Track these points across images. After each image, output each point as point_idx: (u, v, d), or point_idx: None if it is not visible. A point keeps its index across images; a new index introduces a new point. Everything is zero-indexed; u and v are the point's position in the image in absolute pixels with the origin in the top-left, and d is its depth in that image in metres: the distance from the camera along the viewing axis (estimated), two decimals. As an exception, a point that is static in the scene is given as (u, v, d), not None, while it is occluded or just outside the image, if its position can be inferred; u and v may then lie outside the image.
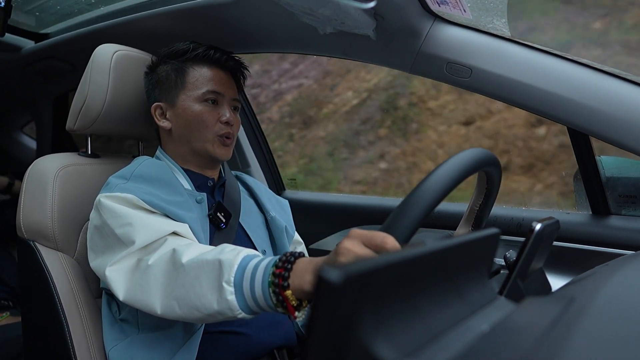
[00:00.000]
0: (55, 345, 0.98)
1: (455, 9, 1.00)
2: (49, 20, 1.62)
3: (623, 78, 0.95)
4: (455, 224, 0.97)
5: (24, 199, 1.03)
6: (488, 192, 0.84)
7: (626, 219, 1.10)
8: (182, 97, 1.03)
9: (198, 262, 0.75)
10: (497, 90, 1.02)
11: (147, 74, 1.10)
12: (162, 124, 1.06)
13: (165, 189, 0.95)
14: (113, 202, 0.89)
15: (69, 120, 1.11)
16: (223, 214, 1.02)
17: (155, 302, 0.78)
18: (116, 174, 0.98)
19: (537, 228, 0.64)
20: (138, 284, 0.81)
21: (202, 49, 1.05)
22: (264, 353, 0.97)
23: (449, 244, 0.42)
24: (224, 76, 1.07)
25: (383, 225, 0.63)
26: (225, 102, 1.05)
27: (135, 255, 0.84)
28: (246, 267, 0.71)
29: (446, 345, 0.38)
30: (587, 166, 1.11)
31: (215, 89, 1.03)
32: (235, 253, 0.74)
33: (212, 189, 1.07)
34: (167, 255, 0.79)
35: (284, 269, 0.68)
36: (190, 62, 1.05)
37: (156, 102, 1.06)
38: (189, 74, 1.04)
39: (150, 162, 1.02)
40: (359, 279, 0.31)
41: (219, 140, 1.03)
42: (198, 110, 1.02)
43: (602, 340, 0.36)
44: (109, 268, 0.85)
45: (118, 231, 0.86)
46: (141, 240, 0.83)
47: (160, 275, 0.79)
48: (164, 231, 0.85)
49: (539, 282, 0.76)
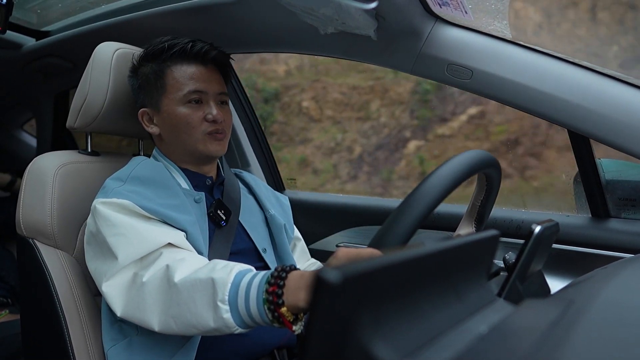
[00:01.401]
0: (53, 342, 0.98)
1: (457, 11, 1.00)
2: (50, 17, 1.62)
3: (624, 81, 0.95)
4: (455, 225, 0.97)
5: (24, 197, 1.03)
6: (488, 190, 0.84)
7: (626, 222, 1.10)
8: (165, 101, 1.00)
9: (191, 280, 0.75)
10: (498, 92, 1.02)
11: (130, 77, 1.07)
12: (150, 130, 1.04)
13: (162, 191, 0.94)
14: (108, 209, 0.88)
15: (69, 118, 1.11)
16: (223, 212, 1.02)
17: (152, 320, 0.79)
18: (113, 176, 0.97)
19: (537, 230, 0.64)
20: (134, 301, 0.81)
21: (177, 48, 0.99)
22: (264, 353, 0.96)
23: (448, 245, 0.42)
24: (206, 72, 1.02)
25: (382, 227, 0.63)
26: (210, 99, 1.01)
27: (131, 269, 0.83)
28: (239, 284, 0.72)
29: (444, 347, 0.38)
30: (587, 169, 1.11)
31: (197, 88, 0.99)
32: (228, 270, 0.74)
33: (211, 187, 1.06)
34: (161, 272, 0.79)
35: (277, 286, 0.68)
36: (168, 62, 1.00)
37: (142, 108, 1.04)
38: (167, 75, 1.00)
39: (146, 164, 1.01)
40: (357, 280, 0.31)
41: (209, 138, 1.00)
42: (182, 114, 0.99)
43: (600, 343, 0.36)
44: (106, 283, 0.85)
45: (110, 240, 0.85)
46: (135, 252, 0.83)
47: (155, 293, 0.79)
48: (159, 243, 0.84)
49: (538, 284, 0.76)
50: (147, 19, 1.29)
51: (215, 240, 0.99)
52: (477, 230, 0.90)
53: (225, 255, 0.98)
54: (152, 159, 1.06)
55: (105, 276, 0.85)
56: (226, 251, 0.99)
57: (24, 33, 1.62)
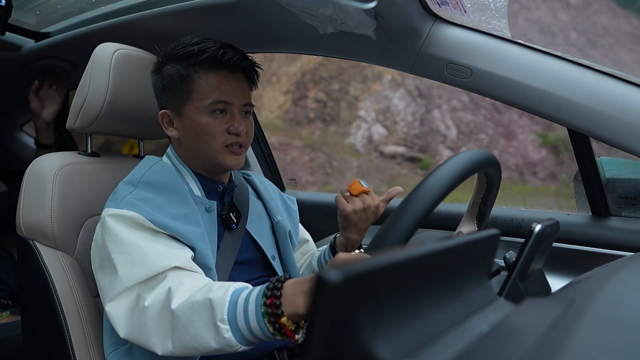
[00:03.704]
0: (54, 343, 0.98)
1: (456, 10, 1.00)
2: (49, 19, 1.62)
3: (623, 79, 0.95)
4: (455, 225, 0.97)
5: (24, 198, 1.03)
6: (488, 188, 0.84)
7: (626, 220, 1.10)
8: (189, 107, 0.97)
9: (189, 304, 0.75)
10: (498, 91, 1.02)
11: (153, 75, 1.03)
12: (170, 133, 1.01)
13: (173, 198, 0.92)
14: (117, 224, 0.86)
15: (69, 119, 1.11)
16: (234, 214, 1.01)
17: (155, 344, 0.78)
18: (125, 179, 0.96)
19: (537, 229, 0.64)
20: (137, 324, 0.81)
21: (207, 54, 0.96)
22: (264, 354, 0.96)
23: (448, 244, 0.42)
24: (234, 82, 0.98)
25: (382, 226, 0.62)
26: (235, 110, 0.98)
27: (135, 290, 0.83)
28: (237, 302, 0.72)
29: (445, 346, 0.38)
30: (587, 167, 1.11)
31: (223, 99, 0.96)
32: (224, 290, 0.74)
33: (222, 193, 1.05)
34: (162, 297, 0.79)
35: (274, 297, 0.69)
36: (197, 67, 0.96)
37: (163, 110, 1.01)
38: (194, 82, 0.96)
39: (159, 167, 0.99)
40: (358, 279, 0.31)
41: (227, 150, 0.98)
42: (205, 123, 0.96)
43: (601, 341, 0.36)
44: (109, 304, 0.84)
45: (115, 256, 0.84)
46: (139, 274, 0.82)
47: (157, 317, 0.79)
48: (164, 266, 0.82)
49: (538, 283, 0.76)
50: (146, 20, 1.29)
51: (224, 245, 0.98)
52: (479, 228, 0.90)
53: (232, 260, 0.98)
54: (165, 159, 1.04)
55: (108, 295, 0.84)
56: (233, 255, 0.99)
57: (23, 34, 1.61)
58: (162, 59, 1.01)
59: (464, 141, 4.56)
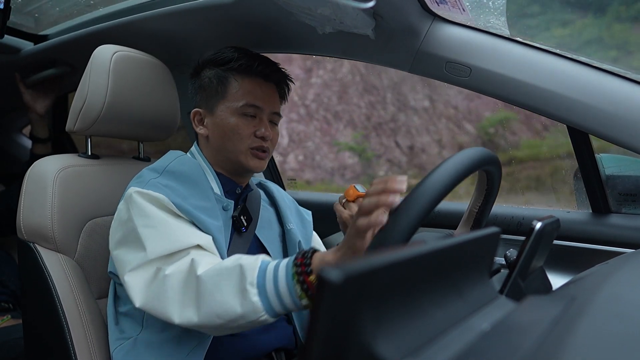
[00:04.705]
0: (55, 346, 0.98)
1: (454, 8, 1.00)
2: (48, 21, 1.62)
3: (622, 76, 0.95)
4: (456, 223, 0.97)
5: (24, 201, 1.03)
6: (488, 192, 0.84)
7: (626, 217, 1.10)
8: (221, 106, 1.02)
9: (217, 270, 0.76)
10: (497, 89, 1.02)
11: (192, 77, 1.09)
12: (199, 131, 1.05)
13: (195, 190, 0.95)
14: (144, 200, 0.89)
15: (68, 122, 1.11)
16: (245, 218, 1.03)
17: (172, 312, 0.79)
18: (149, 167, 0.99)
19: (538, 227, 0.64)
20: (155, 292, 0.81)
21: (245, 60, 1.02)
22: (262, 355, 0.97)
23: (449, 243, 0.42)
24: (266, 89, 1.04)
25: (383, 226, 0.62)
26: (264, 116, 1.03)
27: (155, 264, 0.84)
28: (266, 269, 0.74)
29: (447, 345, 0.38)
30: (587, 164, 1.11)
31: (254, 103, 1.01)
32: (254, 258, 0.77)
33: (239, 196, 1.07)
34: (186, 266, 0.80)
35: (304, 258, 0.73)
36: (234, 71, 1.02)
37: (196, 108, 1.06)
38: (230, 84, 1.02)
39: (184, 159, 1.01)
40: (359, 278, 0.31)
41: (252, 153, 1.02)
42: (234, 123, 1.00)
43: (602, 338, 0.36)
44: (129, 274, 0.85)
45: (141, 230, 0.86)
46: (164, 248, 0.83)
47: (177, 286, 0.79)
48: (189, 243, 0.84)
49: (539, 281, 0.76)
50: (145, 22, 1.29)
51: (232, 247, 0.99)
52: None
53: None
54: (189, 155, 1.06)
55: (130, 265, 0.85)
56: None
57: (22, 37, 1.61)
58: (201, 63, 1.07)
59: (293, 147, 5.13)
